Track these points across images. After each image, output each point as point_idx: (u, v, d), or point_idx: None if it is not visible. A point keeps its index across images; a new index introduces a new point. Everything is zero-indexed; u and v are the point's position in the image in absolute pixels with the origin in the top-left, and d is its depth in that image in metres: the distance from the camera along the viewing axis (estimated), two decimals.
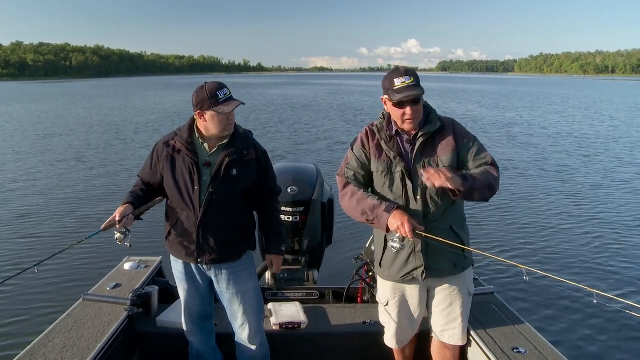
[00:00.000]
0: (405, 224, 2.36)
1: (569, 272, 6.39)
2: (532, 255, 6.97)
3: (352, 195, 2.61)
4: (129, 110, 33.33)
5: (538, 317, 5.11)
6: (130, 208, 2.68)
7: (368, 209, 2.50)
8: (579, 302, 5.46)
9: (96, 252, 6.55)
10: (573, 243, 7.50)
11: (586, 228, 8.23)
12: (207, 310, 3.03)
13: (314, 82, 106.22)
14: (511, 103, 41.42)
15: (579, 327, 4.99)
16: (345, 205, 2.66)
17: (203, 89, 2.64)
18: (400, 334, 2.89)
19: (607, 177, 12.32)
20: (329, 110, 32.89)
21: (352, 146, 2.77)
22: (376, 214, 2.47)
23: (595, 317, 5.17)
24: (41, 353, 2.76)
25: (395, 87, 2.52)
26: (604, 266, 6.62)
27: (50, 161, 14.35)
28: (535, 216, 8.94)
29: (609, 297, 2.16)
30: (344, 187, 2.68)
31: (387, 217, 2.42)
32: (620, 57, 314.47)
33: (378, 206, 2.48)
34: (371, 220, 2.52)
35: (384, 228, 2.47)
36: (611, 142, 18.48)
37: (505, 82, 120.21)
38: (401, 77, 2.52)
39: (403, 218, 2.39)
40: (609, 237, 7.76)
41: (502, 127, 23.34)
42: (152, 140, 17.55)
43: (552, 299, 5.56)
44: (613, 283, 6.09)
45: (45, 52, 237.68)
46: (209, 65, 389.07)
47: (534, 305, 5.42)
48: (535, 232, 8.01)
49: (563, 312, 5.29)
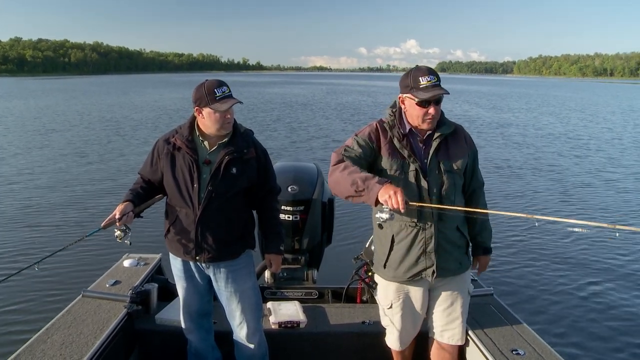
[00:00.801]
0: (398, 194, 2.24)
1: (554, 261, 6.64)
2: (524, 248, 7.17)
3: (344, 168, 2.50)
4: (129, 107, 33.32)
5: (537, 319, 5.12)
6: (130, 206, 2.68)
7: (359, 179, 2.38)
8: (579, 305, 5.49)
9: (96, 248, 6.54)
10: (561, 240, 7.65)
11: (546, 211, 8.97)
12: (205, 308, 3.03)
13: (313, 82, 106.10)
14: (508, 104, 41.79)
15: (578, 330, 5.00)
16: (334, 177, 2.53)
17: (202, 86, 2.65)
18: (404, 336, 2.88)
19: (597, 177, 12.57)
20: (326, 109, 33.00)
21: (356, 135, 2.71)
22: (367, 185, 2.34)
23: (595, 320, 5.18)
24: (40, 349, 2.76)
25: (421, 85, 2.51)
26: (589, 259, 6.83)
27: (49, 157, 14.33)
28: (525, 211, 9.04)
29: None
30: (338, 162, 2.58)
31: (379, 188, 2.30)
32: (619, 59, 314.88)
33: (371, 178, 2.37)
34: (360, 190, 2.37)
35: (373, 199, 2.32)
36: (603, 144, 18.69)
37: (504, 84, 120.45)
38: (426, 76, 2.52)
39: (395, 189, 2.27)
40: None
41: (498, 127, 23.57)
42: (151, 137, 17.60)
43: (551, 301, 5.58)
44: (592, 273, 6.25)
45: (43, 48, 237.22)
46: (208, 63, 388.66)
47: (533, 307, 5.43)
48: (524, 229, 8.12)
49: (562, 314, 5.30)
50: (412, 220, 2.59)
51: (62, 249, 2.83)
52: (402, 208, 2.23)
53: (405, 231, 2.62)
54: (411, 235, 2.61)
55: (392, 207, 2.24)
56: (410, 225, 2.60)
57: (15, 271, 2.68)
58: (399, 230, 2.64)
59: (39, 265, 2.57)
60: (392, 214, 2.30)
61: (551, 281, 6.11)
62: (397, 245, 2.66)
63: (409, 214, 2.57)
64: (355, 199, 2.43)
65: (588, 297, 5.72)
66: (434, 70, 2.58)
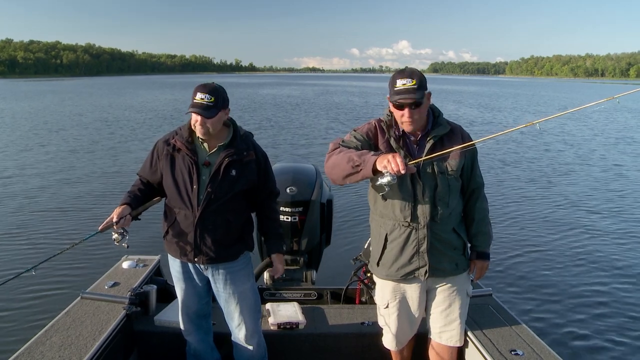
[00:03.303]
0: (397, 157, 2.22)
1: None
2: (524, 248, 7.24)
3: (340, 152, 2.50)
4: (123, 109, 33.19)
5: (536, 319, 5.13)
6: (127, 209, 2.69)
7: (355, 155, 2.38)
8: (578, 305, 5.51)
9: (94, 250, 6.51)
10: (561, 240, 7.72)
11: (545, 212, 9.27)
12: (204, 309, 3.03)
13: (306, 83, 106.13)
14: (498, 103, 42.49)
15: (577, 330, 5.01)
16: (331, 161, 2.53)
17: (194, 88, 2.68)
18: (400, 336, 2.88)
19: (572, 173, 13.04)
20: (318, 110, 33.06)
21: (354, 130, 2.72)
22: (363, 159, 2.34)
23: (594, 320, 5.19)
24: (39, 351, 2.75)
25: (395, 88, 2.52)
26: (589, 259, 6.83)
27: (45, 160, 14.24)
28: (504, 204, 9.66)
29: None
30: (334, 149, 2.59)
31: (375, 158, 2.29)
32: (610, 60, 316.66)
33: (367, 153, 2.38)
34: (357, 165, 2.36)
35: (370, 168, 2.30)
36: (582, 142, 19.12)
37: (495, 84, 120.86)
38: (403, 79, 2.51)
39: (392, 154, 2.26)
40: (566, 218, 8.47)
41: (483, 124, 24.14)
42: (149, 139, 17.58)
43: (550, 301, 5.60)
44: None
45: (35, 50, 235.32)
46: (200, 65, 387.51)
47: (532, 308, 5.44)
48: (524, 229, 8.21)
49: (561, 314, 5.31)
50: (406, 220, 2.60)
51: (59, 254, 2.83)
52: (403, 169, 2.20)
53: (398, 230, 2.64)
54: (404, 235, 2.62)
55: (392, 171, 2.22)
56: (404, 225, 2.62)
57: (13, 276, 2.68)
58: (392, 229, 2.66)
59: (36, 270, 2.57)
60: (393, 177, 2.25)
61: (550, 281, 6.13)
62: (390, 244, 2.68)
63: (402, 213, 2.59)
64: (354, 176, 2.41)
65: (588, 297, 5.73)
66: (417, 74, 2.54)
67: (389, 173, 2.24)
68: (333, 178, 2.55)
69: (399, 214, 2.60)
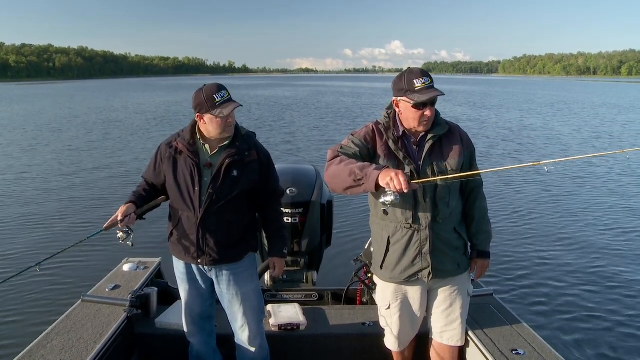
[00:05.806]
0: (400, 175, 2.20)
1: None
2: (524, 248, 7.18)
3: (341, 161, 2.47)
4: (122, 111, 33.20)
5: (537, 318, 5.12)
6: (132, 207, 2.70)
7: (357, 168, 2.34)
8: (579, 304, 5.51)
9: (95, 253, 6.51)
10: (560, 240, 7.67)
11: (546, 212, 9.26)
12: (208, 311, 3.03)
13: (300, 84, 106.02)
14: (487, 102, 42.90)
15: (578, 329, 5.00)
16: (331, 171, 2.49)
17: (201, 92, 2.64)
18: (402, 337, 2.88)
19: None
20: (312, 110, 33.14)
21: (352, 134, 2.70)
22: (365, 172, 2.30)
23: (594, 320, 5.19)
24: (40, 354, 2.74)
25: (416, 87, 2.50)
26: (589, 259, 6.78)
27: (48, 160, 14.28)
28: (504, 204, 9.77)
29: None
30: (334, 157, 2.55)
31: (377, 173, 2.26)
32: (602, 58, 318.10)
33: (368, 166, 2.34)
34: (359, 179, 2.32)
35: (373, 185, 2.27)
36: (564, 137, 19.52)
37: (487, 83, 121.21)
38: (420, 78, 2.51)
39: (396, 171, 2.24)
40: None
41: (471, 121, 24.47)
42: (150, 140, 17.45)
43: (551, 300, 5.60)
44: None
45: (27, 54, 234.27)
46: (193, 67, 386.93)
47: (533, 307, 5.43)
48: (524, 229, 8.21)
49: (562, 314, 5.30)
50: (407, 222, 2.59)
51: (63, 251, 2.83)
52: (406, 188, 2.19)
53: (400, 233, 2.63)
54: (406, 237, 2.62)
55: (394, 189, 2.21)
56: (405, 227, 2.61)
57: (16, 272, 2.68)
58: (394, 232, 2.65)
59: (40, 267, 2.57)
60: (396, 196, 2.26)
61: (551, 281, 6.11)
62: (392, 247, 2.67)
63: (404, 215, 2.59)
64: (355, 189, 2.38)
65: (588, 297, 5.72)
66: (427, 72, 2.57)
67: (392, 192, 2.24)
68: (333, 188, 2.53)
69: (401, 216, 2.60)
